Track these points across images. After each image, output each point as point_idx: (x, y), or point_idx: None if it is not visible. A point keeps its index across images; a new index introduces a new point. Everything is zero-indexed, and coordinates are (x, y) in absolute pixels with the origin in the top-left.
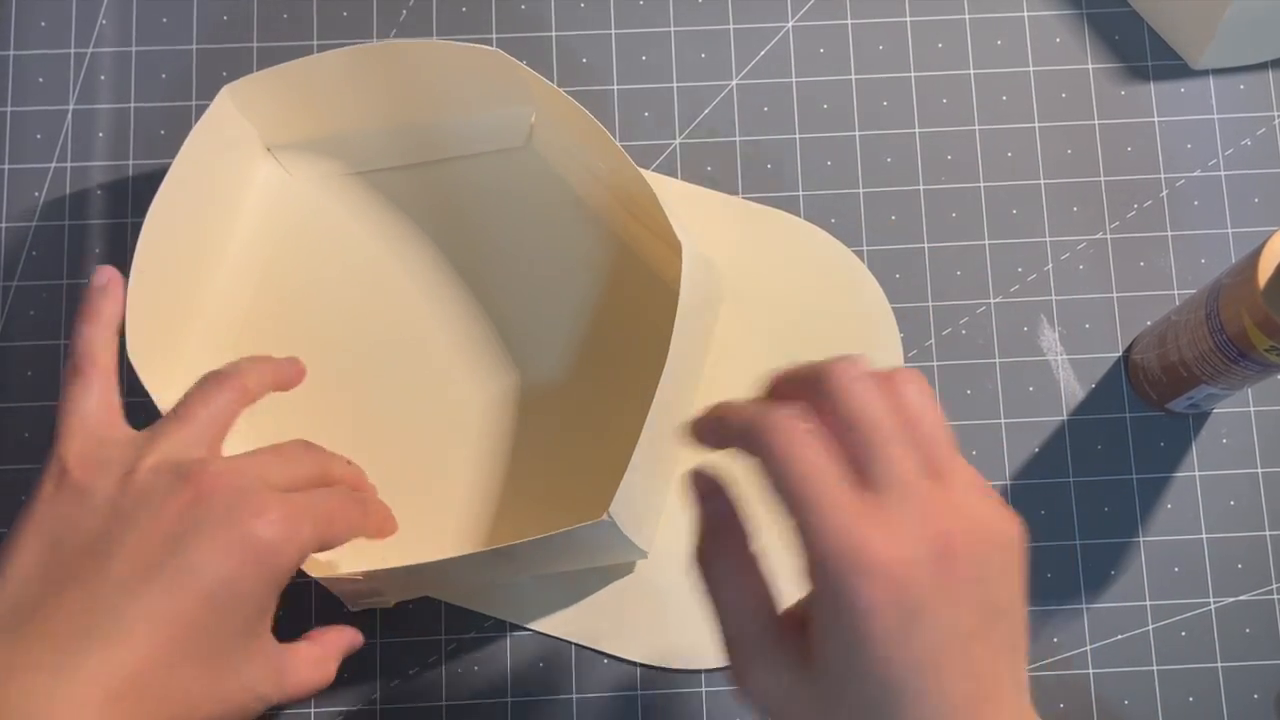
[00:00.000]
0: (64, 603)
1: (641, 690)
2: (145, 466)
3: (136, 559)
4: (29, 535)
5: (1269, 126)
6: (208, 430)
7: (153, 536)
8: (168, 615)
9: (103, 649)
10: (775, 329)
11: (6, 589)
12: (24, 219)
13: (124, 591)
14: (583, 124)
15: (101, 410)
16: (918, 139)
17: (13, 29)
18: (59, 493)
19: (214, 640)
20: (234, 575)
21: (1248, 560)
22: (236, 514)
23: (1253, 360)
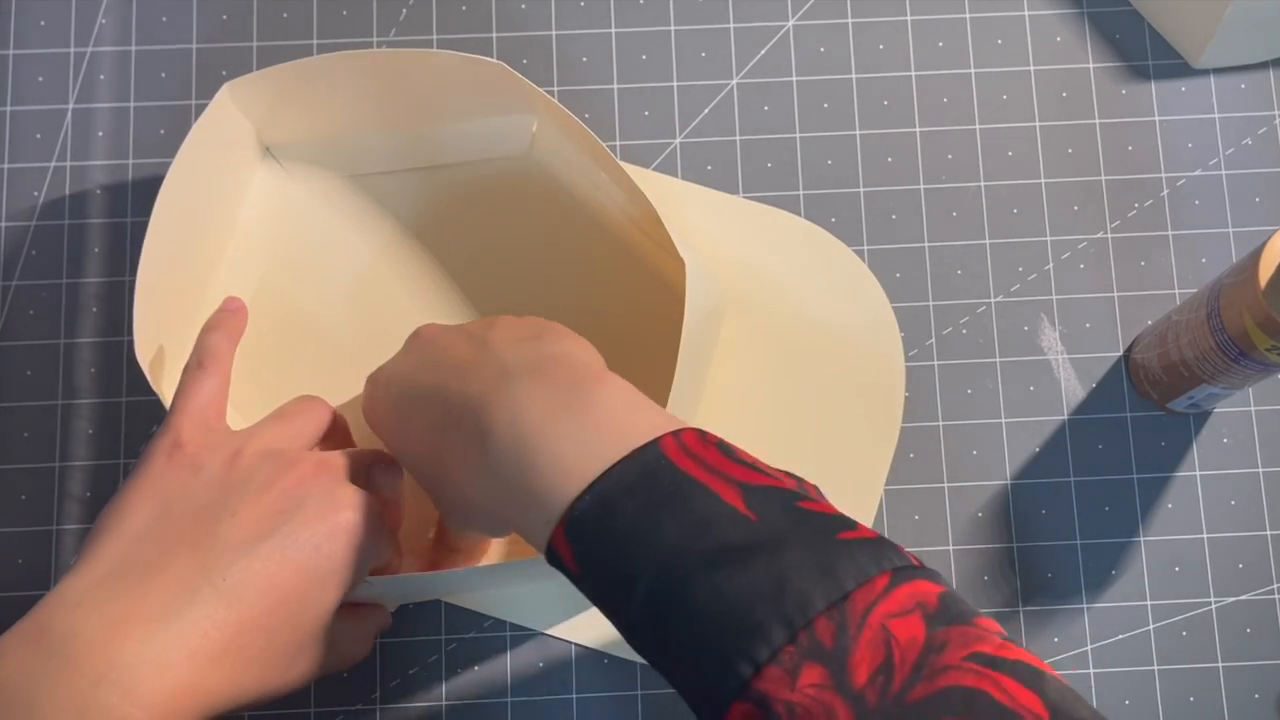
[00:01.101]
0: (175, 562)
1: (641, 690)
2: (252, 450)
3: (246, 527)
4: (141, 499)
5: (1270, 126)
6: (305, 431)
7: (261, 509)
8: (271, 581)
9: (212, 606)
10: (776, 328)
11: (119, 544)
12: (23, 218)
13: (233, 555)
14: (585, 138)
15: (214, 402)
16: (918, 138)
17: (12, 28)
18: (171, 464)
19: (303, 615)
20: (329, 555)
21: (1248, 560)
22: (336, 500)
23: (1253, 359)
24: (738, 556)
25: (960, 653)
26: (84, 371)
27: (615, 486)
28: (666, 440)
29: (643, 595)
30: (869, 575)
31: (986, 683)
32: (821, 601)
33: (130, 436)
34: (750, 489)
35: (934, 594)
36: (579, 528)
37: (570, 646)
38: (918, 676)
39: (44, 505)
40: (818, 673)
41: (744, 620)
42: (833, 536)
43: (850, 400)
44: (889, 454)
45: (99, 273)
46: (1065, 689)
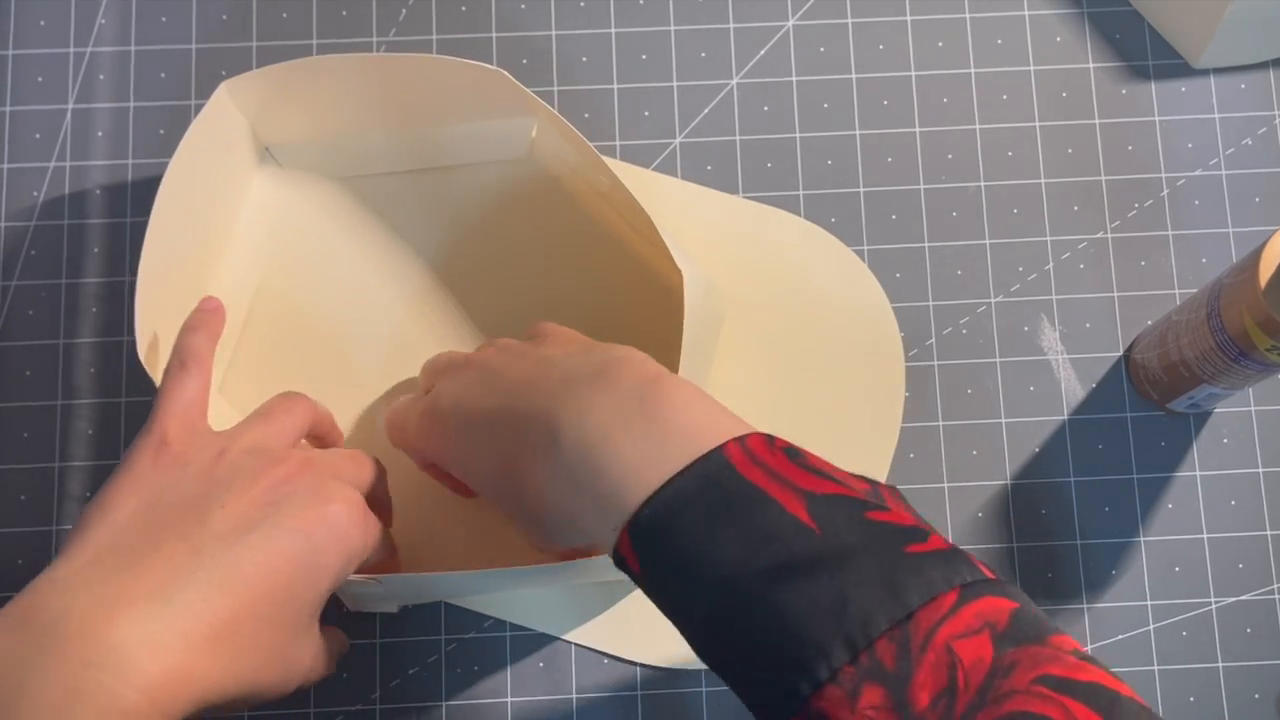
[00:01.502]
0: (165, 551)
1: (641, 690)
2: (238, 448)
3: (235, 518)
4: (126, 493)
5: (1270, 126)
6: (288, 428)
7: (249, 501)
8: (262, 570)
9: (206, 590)
10: (776, 328)
11: (106, 532)
12: (23, 218)
13: (224, 544)
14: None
15: (198, 401)
16: (918, 138)
17: (12, 28)
18: (158, 461)
19: (293, 605)
20: (318, 546)
21: (1248, 560)
22: (322, 494)
23: (1254, 359)
24: (800, 572)
25: (1028, 676)
26: (83, 371)
27: (679, 495)
28: (730, 447)
29: (704, 609)
30: (936, 593)
31: (1054, 708)
32: (885, 620)
33: (130, 436)
34: (816, 498)
35: (1006, 610)
36: (643, 536)
37: (570, 646)
38: (982, 702)
39: (44, 505)
40: (878, 694)
41: (805, 638)
42: (901, 549)
43: (850, 401)
44: (889, 454)
45: (98, 273)
46: (1140, 709)
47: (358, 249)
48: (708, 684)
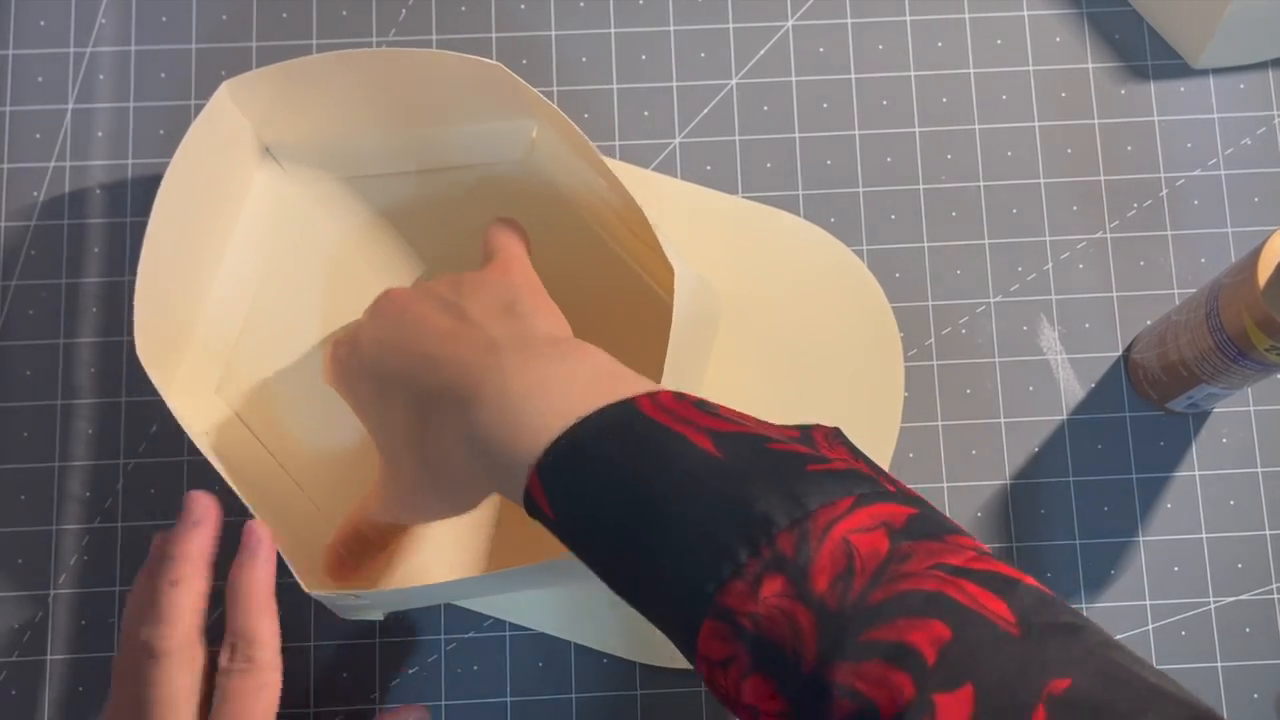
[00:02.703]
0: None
1: (641, 690)
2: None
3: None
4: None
5: (1269, 126)
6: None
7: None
8: None
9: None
10: (775, 329)
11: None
12: (23, 218)
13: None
14: (581, 145)
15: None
16: (918, 138)
17: (12, 28)
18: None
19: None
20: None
21: (1248, 560)
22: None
23: (1253, 359)
24: (704, 488)
25: (925, 563)
26: (84, 371)
27: (587, 431)
28: (641, 398)
29: (612, 533)
30: (834, 498)
31: (949, 587)
32: (784, 519)
33: (130, 436)
34: (721, 434)
35: (903, 514)
36: (552, 471)
37: (570, 646)
38: (877, 582)
39: (44, 505)
40: (780, 582)
41: (710, 544)
42: (801, 469)
43: (850, 400)
44: (889, 454)
45: (98, 273)
46: (1041, 596)
47: (357, 249)
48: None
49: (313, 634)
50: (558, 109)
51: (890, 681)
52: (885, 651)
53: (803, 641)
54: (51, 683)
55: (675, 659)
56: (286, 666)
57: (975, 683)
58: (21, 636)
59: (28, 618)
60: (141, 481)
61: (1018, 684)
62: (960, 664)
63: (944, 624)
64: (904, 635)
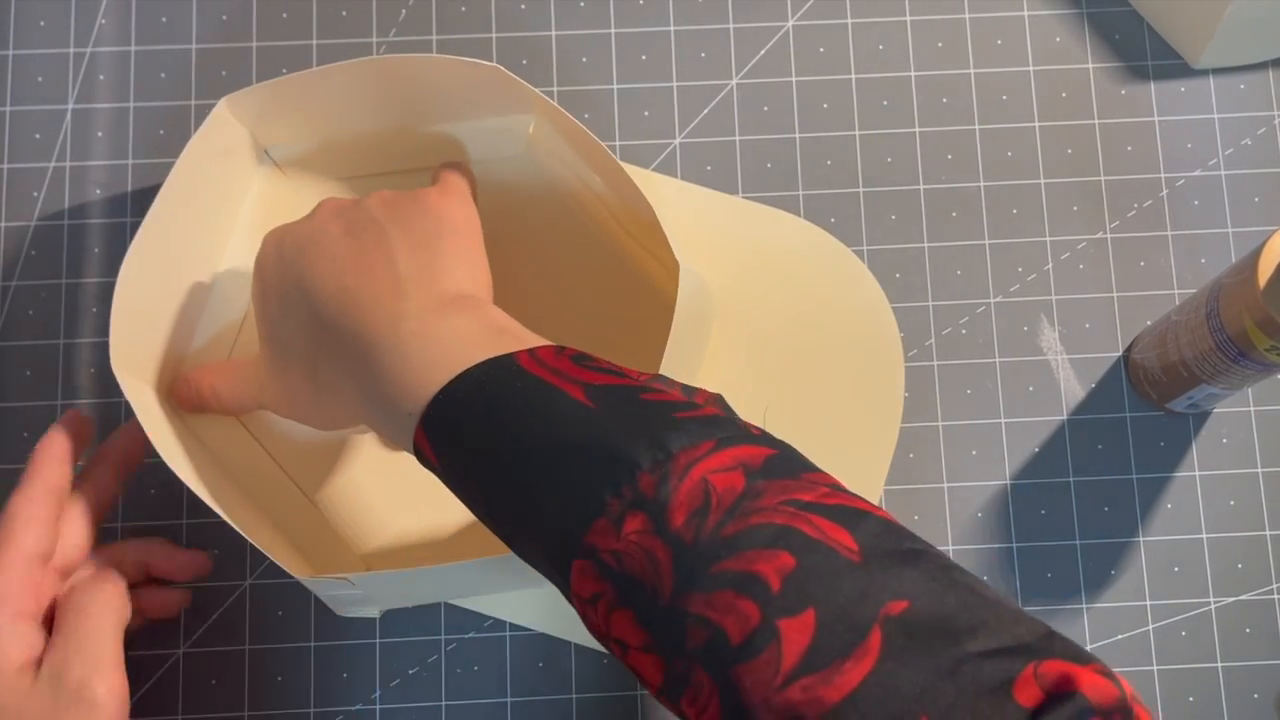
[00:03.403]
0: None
1: (641, 690)
2: None
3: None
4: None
5: (1269, 126)
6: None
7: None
8: None
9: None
10: (775, 329)
11: None
12: (23, 218)
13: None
14: (582, 139)
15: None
16: (918, 138)
17: (12, 28)
18: None
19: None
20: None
21: (1248, 560)
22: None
23: (1253, 360)
24: (573, 435)
25: (776, 499)
26: (83, 371)
27: (466, 385)
28: (520, 354)
29: (489, 482)
30: (696, 441)
31: (798, 520)
32: (647, 461)
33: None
34: (594, 386)
35: (761, 455)
36: (434, 422)
37: (570, 646)
38: (730, 517)
39: None
40: (640, 520)
41: (576, 486)
42: (669, 415)
43: (850, 400)
44: (889, 454)
45: (98, 273)
46: (888, 525)
47: None
48: None
49: (313, 634)
50: (558, 106)
51: (738, 609)
52: (734, 581)
53: (661, 575)
54: None
55: None
56: (287, 666)
57: (816, 607)
58: None
59: None
60: (141, 482)
61: (857, 607)
62: (803, 590)
63: (790, 554)
64: (752, 565)
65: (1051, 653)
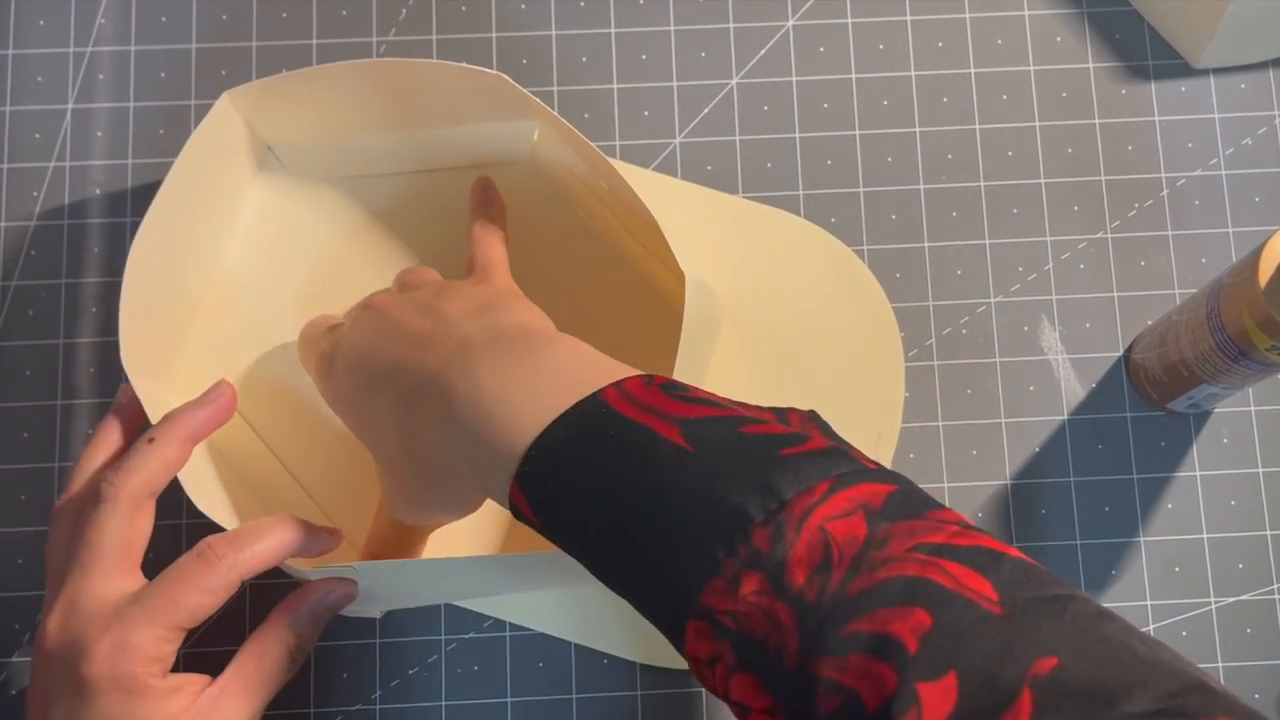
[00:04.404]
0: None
1: (641, 690)
2: (41, 635)
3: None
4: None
5: (1269, 126)
6: (103, 562)
7: (35, 709)
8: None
9: None
10: (775, 329)
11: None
12: (22, 218)
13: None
14: (585, 150)
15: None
16: (918, 138)
17: (12, 28)
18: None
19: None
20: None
21: (1248, 560)
22: (69, 666)
23: (1254, 359)
24: (676, 485)
25: (904, 545)
26: (83, 372)
27: (557, 436)
28: (608, 390)
29: (593, 538)
30: (809, 484)
31: (931, 570)
32: (759, 512)
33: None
34: (689, 421)
35: (881, 493)
36: (530, 480)
37: (570, 646)
38: (855, 573)
39: (44, 505)
40: (757, 580)
41: (686, 544)
42: (774, 453)
43: (850, 401)
44: (889, 454)
45: (98, 273)
46: (1026, 569)
47: (359, 248)
48: None
49: None
50: (559, 117)
51: (873, 674)
52: (867, 644)
53: (784, 637)
54: None
55: (675, 659)
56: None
57: (958, 670)
58: (22, 637)
59: (28, 618)
60: None
61: (1002, 667)
62: (942, 651)
63: (925, 611)
64: (885, 626)
65: (1213, 711)
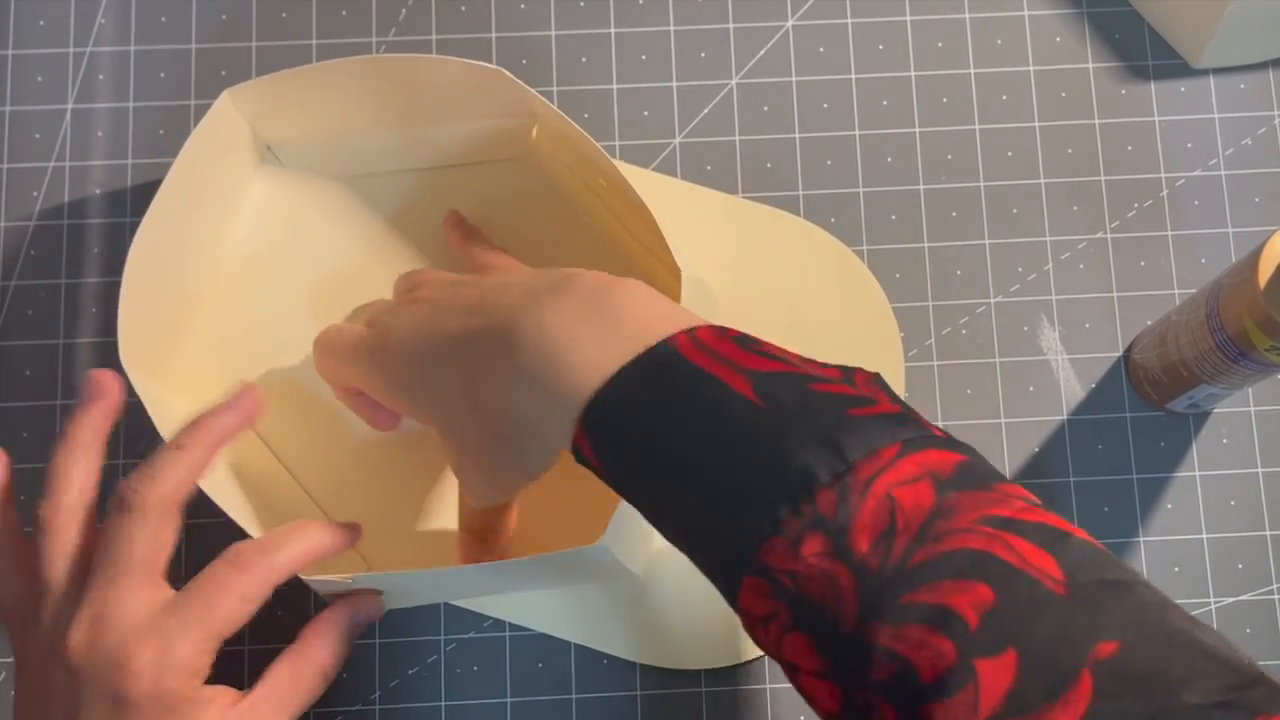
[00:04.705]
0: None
1: (641, 690)
2: (64, 648)
3: None
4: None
5: (1269, 126)
6: (128, 572)
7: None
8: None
9: None
10: (775, 329)
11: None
12: (22, 218)
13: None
14: (584, 146)
15: (57, 566)
16: (918, 138)
17: (11, 28)
18: (20, 669)
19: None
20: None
21: (1248, 560)
22: (104, 680)
23: (1253, 360)
24: (743, 439)
25: (970, 516)
26: (83, 372)
27: (627, 382)
28: (679, 337)
29: (654, 486)
30: (876, 447)
31: (996, 544)
32: (825, 474)
33: (129, 437)
34: (760, 375)
35: (951, 462)
36: (596, 423)
37: (570, 647)
38: (920, 542)
39: None
40: (819, 542)
41: (750, 499)
42: (843, 413)
43: None
44: None
45: (98, 273)
46: (1092, 551)
47: (358, 246)
48: (707, 684)
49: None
50: (559, 111)
51: (931, 645)
52: (926, 615)
53: (843, 602)
54: None
55: (675, 659)
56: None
57: (1018, 647)
58: None
59: None
60: None
61: (1063, 648)
62: (1003, 628)
63: (988, 586)
64: (946, 598)
65: (1274, 709)
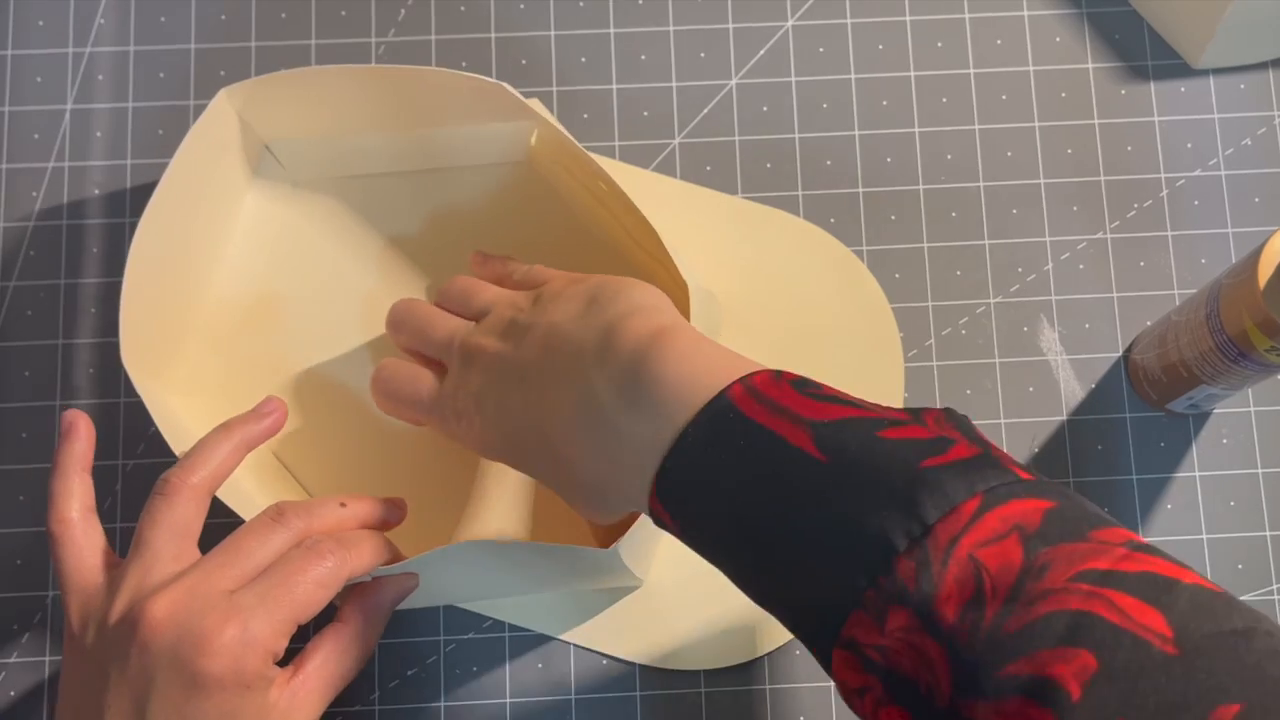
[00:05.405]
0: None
1: (641, 690)
2: (113, 618)
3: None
4: (61, 709)
5: (1269, 126)
6: (166, 548)
7: (124, 702)
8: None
9: None
10: (775, 329)
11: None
12: (22, 219)
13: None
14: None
15: (83, 567)
16: (918, 139)
17: (11, 28)
18: (71, 655)
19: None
20: (202, 714)
21: (1248, 560)
22: (181, 657)
23: (1253, 360)
24: (811, 505)
25: (1064, 573)
26: (82, 372)
27: (692, 446)
28: (734, 388)
29: (732, 554)
30: (955, 503)
31: (1096, 603)
32: (902, 540)
33: (128, 437)
34: (822, 425)
35: (1038, 511)
36: (668, 494)
37: (570, 646)
38: (1012, 607)
39: (43, 506)
40: (904, 616)
41: (827, 572)
42: (915, 466)
43: None
44: None
45: (97, 273)
46: (1205, 597)
47: (356, 248)
48: (707, 684)
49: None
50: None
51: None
52: (1025, 687)
53: (936, 677)
54: (51, 683)
55: (675, 659)
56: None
57: (1127, 718)
58: (21, 637)
59: (27, 618)
60: (141, 483)
61: (1176, 715)
62: (1110, 698)
63: (1090, 651)
64: (1045, 669)
65: None
